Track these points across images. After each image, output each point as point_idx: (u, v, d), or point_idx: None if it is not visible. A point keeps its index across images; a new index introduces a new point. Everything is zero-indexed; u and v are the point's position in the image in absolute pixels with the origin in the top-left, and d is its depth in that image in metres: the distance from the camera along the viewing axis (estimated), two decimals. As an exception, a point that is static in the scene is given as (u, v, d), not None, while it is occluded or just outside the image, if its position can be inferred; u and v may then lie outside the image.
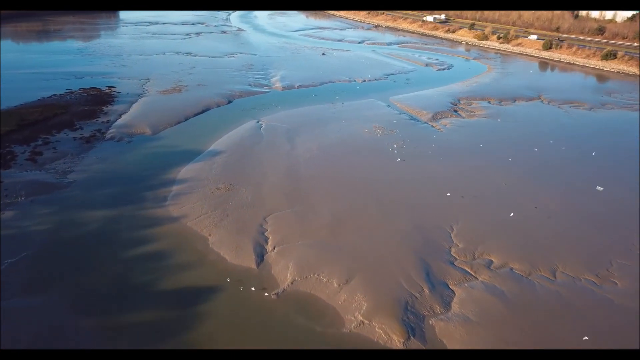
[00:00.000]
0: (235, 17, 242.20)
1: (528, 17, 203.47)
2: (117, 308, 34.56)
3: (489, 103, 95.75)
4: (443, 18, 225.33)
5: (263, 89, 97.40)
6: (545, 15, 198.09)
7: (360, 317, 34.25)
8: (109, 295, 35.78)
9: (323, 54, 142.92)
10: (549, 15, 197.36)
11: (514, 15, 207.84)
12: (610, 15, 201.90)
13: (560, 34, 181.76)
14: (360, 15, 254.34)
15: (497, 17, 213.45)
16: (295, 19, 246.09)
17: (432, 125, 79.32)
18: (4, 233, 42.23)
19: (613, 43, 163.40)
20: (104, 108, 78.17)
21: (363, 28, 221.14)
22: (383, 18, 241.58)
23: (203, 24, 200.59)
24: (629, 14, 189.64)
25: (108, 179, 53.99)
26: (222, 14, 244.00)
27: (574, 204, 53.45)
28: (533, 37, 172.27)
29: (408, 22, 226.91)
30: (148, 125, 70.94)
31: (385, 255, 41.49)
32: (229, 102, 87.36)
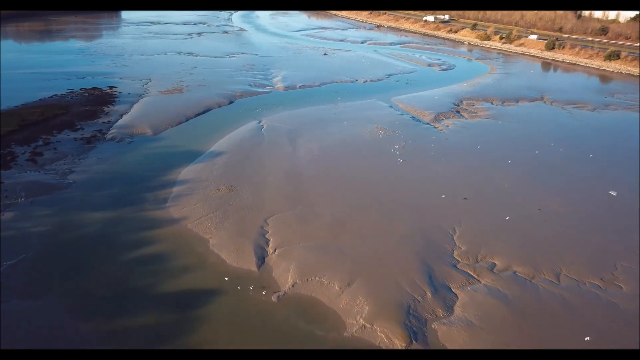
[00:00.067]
0: (237, 17, 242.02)
1: (531, 17, 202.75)
2: (116, 310, 34.29)
3: (492, 104, 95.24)
4: (447, 18, 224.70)
5: (264, 89, 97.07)
6: (548, 16, 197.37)
7: (362, 320, 33.87)
8: (109, 298, 35.52)
9: (325, 54, 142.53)
10: (552, 16, 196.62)
11: (517, 16, 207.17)
12: (613, 16, 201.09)
13: (563, 34, 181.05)
14: (362, 16, 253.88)
15: (499, 17, 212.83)
16: (297, 19, 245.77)
17: (434, 126, 78.89)
18: (4, 234, 41.98)
19: (616, 43, 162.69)
20: (105, 108, 77.93)
21: (365, 28, 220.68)
22: (385, 18, 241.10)
23: (205, 24, 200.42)
24: (632, 14, 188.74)
25: (108, 180, 53.75)
26: (223, 14, 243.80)
27: (577, 206, 52.98)
28: (533, 37, 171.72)
29: (410, 22, 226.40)
30: (149, 126, 70.67)
31: (387, 258, 41.10)
32: (231, 102, 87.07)
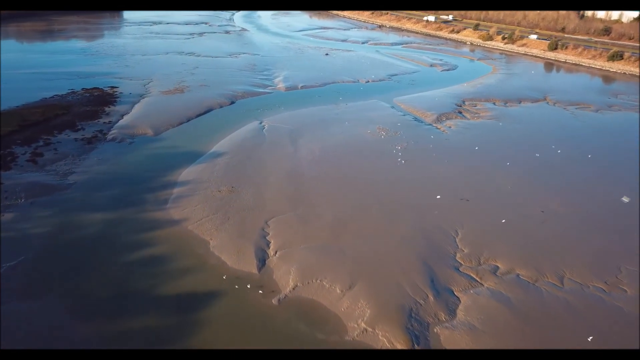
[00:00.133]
0: (239, 17, 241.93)
1: (533, 17, 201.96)
2: (116, 311, 34.09)
3: (494, 104, 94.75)
4: (450, 18, 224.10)
5: (266, 90, 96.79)
6: (551, 16, 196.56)
7: (364, 324, 33.52)
8: (109, 299, 35.30)
9: (327, 54, 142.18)
10: (554, 16, 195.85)
11: (519, 16, 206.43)
12: (616, 16, 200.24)
13: (566, 34, 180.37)
14: (364, 15, 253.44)
15: (501, 17, 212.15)
16: (299, 19, 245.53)
17: (436, 127, 78.47)
18: (4, 235, 41.77)
19: (619, 44, 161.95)
20: (106, 108, 77.73)
21: (367, 28, 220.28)
22: (387, 18, 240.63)
23: (206, 24, 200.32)
24: (635, 14, 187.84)
25: (109, 181, 53.52)
26: (225, 14, 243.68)
27: (580, 208, 52.52)
28: (533, 36, 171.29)
29: (412, 22, 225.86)
30: (150, 126, 70.44)
31: (389, 260, 40.76)
32: (232, 102, 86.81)
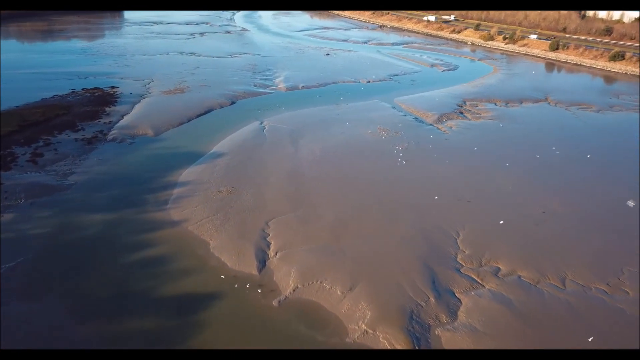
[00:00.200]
0: (240, 17, 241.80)
1: (534, 17, 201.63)
2: (117, 312, 33.98)
3: (495, 105, 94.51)
4: (452, 19, 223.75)
5: (267, 90, 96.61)
6: (552, 16, 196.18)
7: (364, 326, 33.35)
8: (109, 299, 35.20)
9: (327, 54, 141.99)
10: (556, 16, 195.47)
11: (520, 16, 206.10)
12: (618, 16, 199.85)
13: (567, 34, 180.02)
14: (365, 16, 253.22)
15: (503, 17, 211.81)
16: (300, 19, 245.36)
17: (437, 127, 78.25)
18: (4, 236, 41.64)
19: (621, 44, 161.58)
20: (107, 109, 77.59)
21: (368, 28, 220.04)
22: (388, 18, 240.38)
23: (207, 24, 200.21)
24: (637, 15, 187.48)
25: (109, 181, 53.37)
26: (226, 14, 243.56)
27: (582, 209, 52.29)
28: (532, 36, 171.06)
29: (413, 22, 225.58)
30: (150, 127, 70.29)
31: (390, 261, 40.57)
32: (232, 103, 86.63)
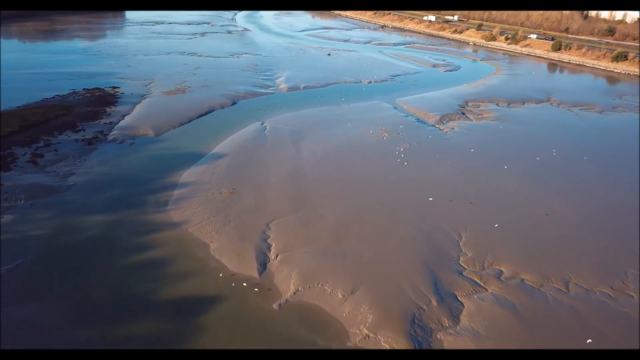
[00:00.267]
0: (241, 17, 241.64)
1: (537, 17, 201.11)
2: (116, 314, 33.68)
3: (498, 105, 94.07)
4: (455, 19, 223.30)
5: (268, 90, 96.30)
6: (554, 16, 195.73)
7: (366, 330, 32.99)
8: (109, 301, 34.89)
9: (329, 55, 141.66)
10: (558, 16, 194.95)
11: (522, 16, 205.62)
12: (620, 16, 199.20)
13: (570, 35, 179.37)
14: (367, 16, 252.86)
15: (505, 17, 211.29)
16: (301, 19, 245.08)
17: (439, 128, 77.86)
18: (3, 237, 41.34)
19: (624, 44, 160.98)
20: (107, 109, 77.32)
21: (369, 28, 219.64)
22: (390, 18, 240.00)
23: (209, 24, 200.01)
24: (639, 15, 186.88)
25: (109, 182, 53.09)
26: (227, 14, 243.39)
27: (586, 211, 51.86)
28: (532, 36, 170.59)
29: (415, 22, 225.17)
30: (151, 127, 70.01)
31: (392, 264, 40.21)
32: (233, 103, 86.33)
